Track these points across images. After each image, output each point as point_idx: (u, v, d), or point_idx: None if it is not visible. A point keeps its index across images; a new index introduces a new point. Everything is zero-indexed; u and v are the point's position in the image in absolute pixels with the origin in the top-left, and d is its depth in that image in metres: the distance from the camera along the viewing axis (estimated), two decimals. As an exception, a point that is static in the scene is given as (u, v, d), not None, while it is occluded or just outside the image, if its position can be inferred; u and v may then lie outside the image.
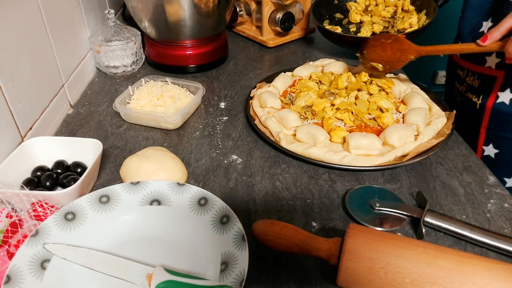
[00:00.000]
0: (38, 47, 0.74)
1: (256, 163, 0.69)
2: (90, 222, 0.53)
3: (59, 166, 0.63)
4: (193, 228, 0.54)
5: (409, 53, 0.75)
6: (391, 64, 0.76)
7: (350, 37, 1.00)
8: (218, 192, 0.63)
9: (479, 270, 0.42)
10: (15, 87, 0.65)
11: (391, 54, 0.76)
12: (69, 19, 0.87)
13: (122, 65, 0.96)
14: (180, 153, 0.71)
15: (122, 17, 1.24)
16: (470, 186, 0.64)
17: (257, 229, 0.49)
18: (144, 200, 0.56)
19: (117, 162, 0.69)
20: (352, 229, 0.47)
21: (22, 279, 0.45)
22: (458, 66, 0.91)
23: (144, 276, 0.46)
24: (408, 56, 0.75)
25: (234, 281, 0.44)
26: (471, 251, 0.53)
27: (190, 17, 0.91)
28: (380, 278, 0.43)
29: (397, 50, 0.76)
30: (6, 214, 0.51)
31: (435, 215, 0.55)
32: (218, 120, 0.82)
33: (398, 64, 0.76)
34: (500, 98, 0.81)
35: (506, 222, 0.57)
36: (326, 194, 0.63)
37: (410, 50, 0.75)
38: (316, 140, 0.69)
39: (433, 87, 2.33)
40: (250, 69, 1.02)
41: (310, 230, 0.56)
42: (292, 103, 0.80)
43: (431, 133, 0.70)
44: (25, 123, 0.68)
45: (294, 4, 1.13)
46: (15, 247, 0.48)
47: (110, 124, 0.80)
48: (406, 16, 1.03)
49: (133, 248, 0.52)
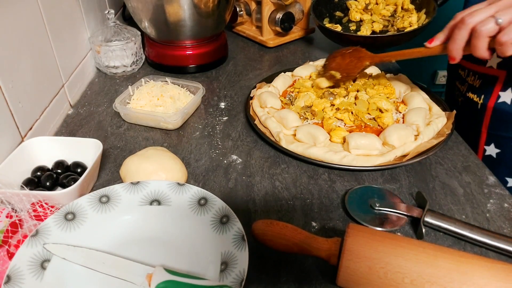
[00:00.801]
0: (38, 47, 0.74)
1: (256, 163, 0.69)
2: (90, 222, 0.53)
3: (59, 166, 0.63)
4: (193, 228, 0.54)
5: (364, 60, 0.79)
6: (348, 71, 0.80)
7: (350, 35, 1.00)
8: (218, 192, 0.63)
9: (478, 270, 0.42)
10: (15, 87, 0.65)
11: (349, 62, 0.80)
12: (69, 19, 0.87)
13: (122, 65, 0.96)
14: (180, 153, 0.71)
15: (122, 17, 1.24)
16: (470, 186, 0.64)
17: (257, 229, 0.50)
18: (144, 200, 0.56)
19: (117, 162, 0.69)
20: (352, 229, 0.47)
21: (22, 279, 0.45)
22: (459, 66, 0.91)
23: (144, 276, 0.46)
24: (363, 62, 0.79)
25: (234, 281, 0.44)
26: (471, 251, 0.53)
27: (190, 17, 0.91)
28: (380, 278, 0.43)
29: (355, 58, 0.80)
30: (6, 214, 0.51)
31: (435, 215, 0.55)
32: (218, 120, 0.82)
33: (354, 71, 0.80)
34: (501, 97, 0.81)
35: (505, 222, 0.57)
36: (325, 194, 0.63)
37: (366, 57, 0.79)
38: (316, 140, 0.69)
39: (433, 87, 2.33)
40: (250, 69, 1.02)
41: (309, 230, 0.56)
42: (292, 103, 0.80)
43: (431, 133, 0.70)
44: (25, 123, 0.68)
45: (294, 4, 1.13)
46: (15, 247, 0.48)
47: (110, 124, 0.80)
48: (406, 15, 1.03)
49: (133, 248, 0.52)
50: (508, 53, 0.57)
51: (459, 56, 0.63)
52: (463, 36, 0.60)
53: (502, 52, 0.57)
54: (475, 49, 0.60)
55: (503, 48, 0.57)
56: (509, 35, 0.56)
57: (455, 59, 0.64)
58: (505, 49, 0.57)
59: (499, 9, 0.57)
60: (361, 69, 0.79)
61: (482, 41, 0.58)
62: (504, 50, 0.57)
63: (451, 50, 0.63)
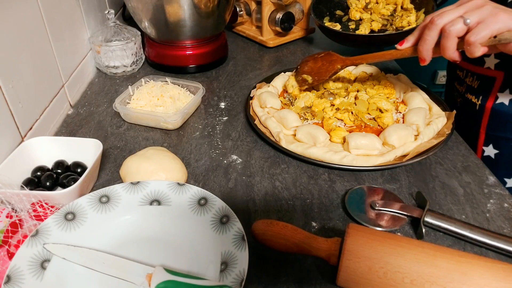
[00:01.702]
0: (38, 47, 0.74)
1: (256, 163, 0.69)
2: (90, 222, 0.53)
3: (59, 166, 0.63)
4: (193, 228, 0.54)
5: (336, 63, 0.79)
6: (320, 75, 0.81)
7: (348, 34, 1.01)
8: (218, 192, 0.63)
9: (478, 270, 0.42)
10: (15, 87, 0.65)
11: (321, 65, 0.81)
12: (69, 19, 0.87)
13: (122, 65, 0.96)
14: (180, 153, 0.71)
15: (122, 17, 1.24)
16: (470, 186, 0.64)
17: (257, 229, 0.50)
18: (144, 200, 0.56)
19: (117, 162, 0.69)
20: (352, 229, 0.47)
21: (22, 279, 0.45)
22: (458, 67, 0.91)
23: (144, 276, 0.46)
24: (335, 66, 0.79)
25: (234, 281, 0.44)
26: (471, 251, 0.53)
27: (190, 18, 0.91)
28: (380, 278, 0.43)
29: (326, 61, 0.80)
30: (6, 214, 0.51)
31: (434, 215, 0.55)
32: (218, 120, 0.82)
33: (326, 74, 0.80)
34: (499, 99, 0.81)
35: (505, 222, 0.57)
36: (325, 194, 0.63)
37: (338, 60, 0.79)
38: (316, 140, 0.69)
39: (433, 87, 2.33)
40: (250, 69, 1.03)
41: (309, 230, 0.56)
42: (292, 104, 0.80)
43: (431, 133, 0.70)
44: (25, 123, 0.68)
45: (294, 4, 1.13)
46: (15, 247, 0.48)
47: (110, 124, 0.80)
48: (405, 14, 1.03)
49: (133, 248, 0.52)
50: (476, 54, 0.57)
51: (429, 57, 0.63)
52: (433, 36, 0.60)
53: (471, 53, 0.57)
54: (444, 50, 0.60)
55: (471, 48, 0.57)
56: (476, 36, 0.56)
57: (425, 61, 0.64)
58: (473, 50, 0.57)
59: (467, 10, 0.57)
60: (332, 73, 0.80)
61: (451, 41, 0.58)
62: (472, 51, 0.57)
63: (421, 51, 0.63)
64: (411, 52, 0.66)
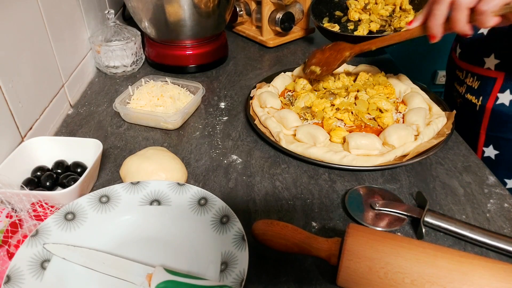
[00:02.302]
0: (38, 47, 0.74)
1: (256, 163, 0.69)
2: (90, 222, 0.53)
3: (59, 166, 0.63)
4: (193, 228, 0.54)
5: (345, 50, 0.78)
6: (328, 64, 0.79)
7: (346, 35, 1.01)
8: (218, 192, 0.63)
9: (479, 270, 0.42)
10: (15, 87, 0.65)
11: (329, 55, 0.80)
12: (69, 19, 0.87)
13: (122, 65, 0.96)
14: (180, 153, 0.71)
15: (122, 17, 1.24)
16: (470, 186, 0.64)
17: (257, 229, 0.49)
18: (144, 200, 0.56)
19: (117, 162, 0.69)
20: (352, 229, 0.47)
21: (22, 279, 0.45)
22: (457, 67, 0.91)
23: (144, 276, 0.46)
24: (343, 53, 0.78)
25: (234, 281, 0.44)
26: (471, 251, 0.53)
27: (190, 17, 0.91)
28: (380, 278, 0.43)
29: (334, 50, 0.79)
30: (6, 214, 0.51)
31: (435, 215, 0.55)
32: (218, 120, 0.82)
33: (334, 63, 0.79)
34: (500, 99, 0.81)
35: (505, 222, 0.57)
36: (326, 194, 0.63)
37: (346, 48, 0.78)
38: (316, 140, 0.69)
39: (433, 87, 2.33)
40: (250, 69, 1.02)
41: (310, 230, 0.56)
42: (292, 104, 0.80)
43: (431, 133, 0.70)
44: (25, 123, 0.68)
45: (294, 4, 1.13)
46: (15, 247, 0.48)
47: (110, 124, 0.80)
48: (403, 15, 1.04)
49: (133, 248, 0.52)
50: (488, 23, 0.55)
51: (439, 33, 0.61)
52: (442, 10, 0.59)
53: (482, 22, 0.56)
54: (455, 23, 0.58)
55: (483, 18, 0.55)
56: (488, 4, 0.54)
57: (435, 37, 0.62)
58: (485, 19, 0.55)
59: None
60: (341, 61, 0.78)
61: (461, 13, 0.57)
62: (484, 21, 0.55)
63: (431, 27, 0.61)
64: (421, 31, 0.65)
